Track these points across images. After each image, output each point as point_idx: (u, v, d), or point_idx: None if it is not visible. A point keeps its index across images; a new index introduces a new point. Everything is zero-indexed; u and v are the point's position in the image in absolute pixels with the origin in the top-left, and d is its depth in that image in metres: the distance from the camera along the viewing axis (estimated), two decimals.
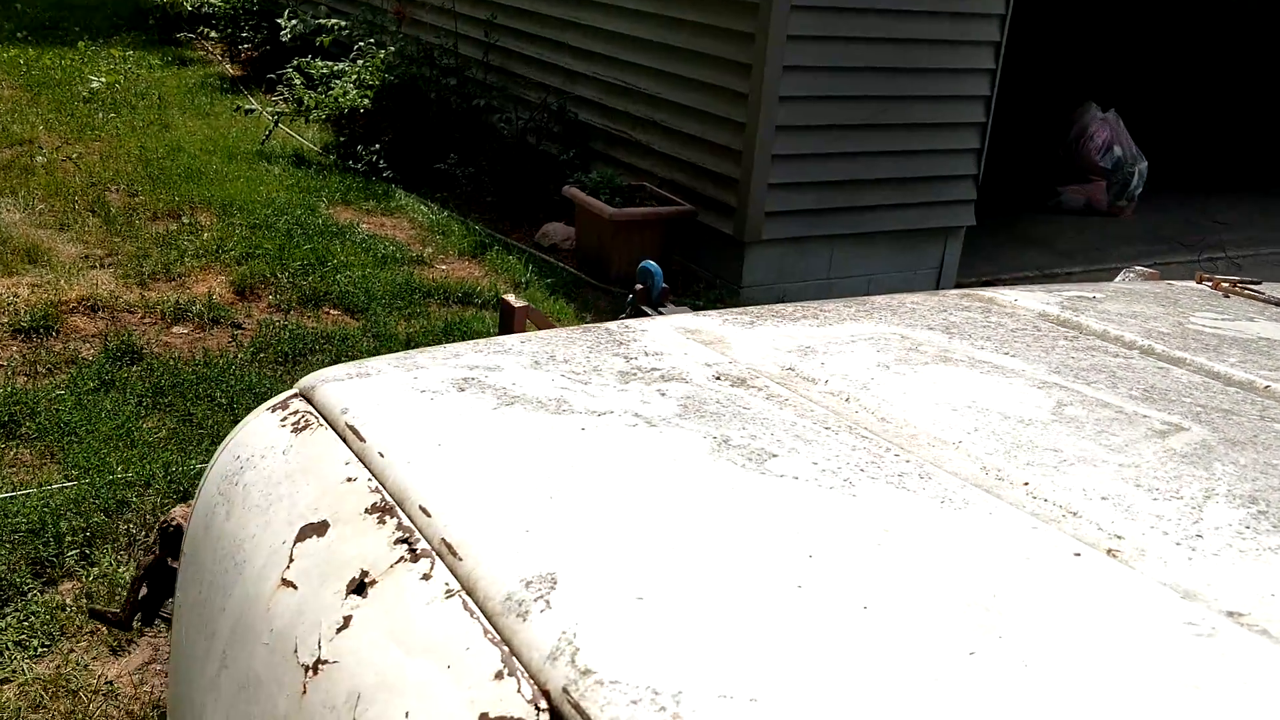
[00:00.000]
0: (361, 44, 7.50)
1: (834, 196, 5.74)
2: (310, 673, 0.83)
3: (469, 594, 0.79)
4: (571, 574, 0.79)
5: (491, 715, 0.70)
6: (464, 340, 1.30)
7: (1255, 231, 8.12)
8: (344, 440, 1.03)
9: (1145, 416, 1.14)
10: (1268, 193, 8.85)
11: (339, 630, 0.83)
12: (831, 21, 5.34)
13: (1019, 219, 7.81)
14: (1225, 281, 1.76)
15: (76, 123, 7.72)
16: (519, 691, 0.70)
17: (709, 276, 5.90)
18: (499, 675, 0.72)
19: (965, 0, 5.63)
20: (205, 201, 6.23)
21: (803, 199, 5.66)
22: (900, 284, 6.16)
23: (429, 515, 0.88)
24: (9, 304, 4.58)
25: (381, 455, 0.98)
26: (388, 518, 0.90)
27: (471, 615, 0.77)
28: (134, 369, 4.18)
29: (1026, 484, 0.98)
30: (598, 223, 5.88)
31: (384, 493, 0.94)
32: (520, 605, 0.76)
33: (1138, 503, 0.95)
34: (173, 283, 5.11)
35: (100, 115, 7.96)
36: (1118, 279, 1.97)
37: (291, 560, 0.93)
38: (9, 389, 3.91)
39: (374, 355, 1.33)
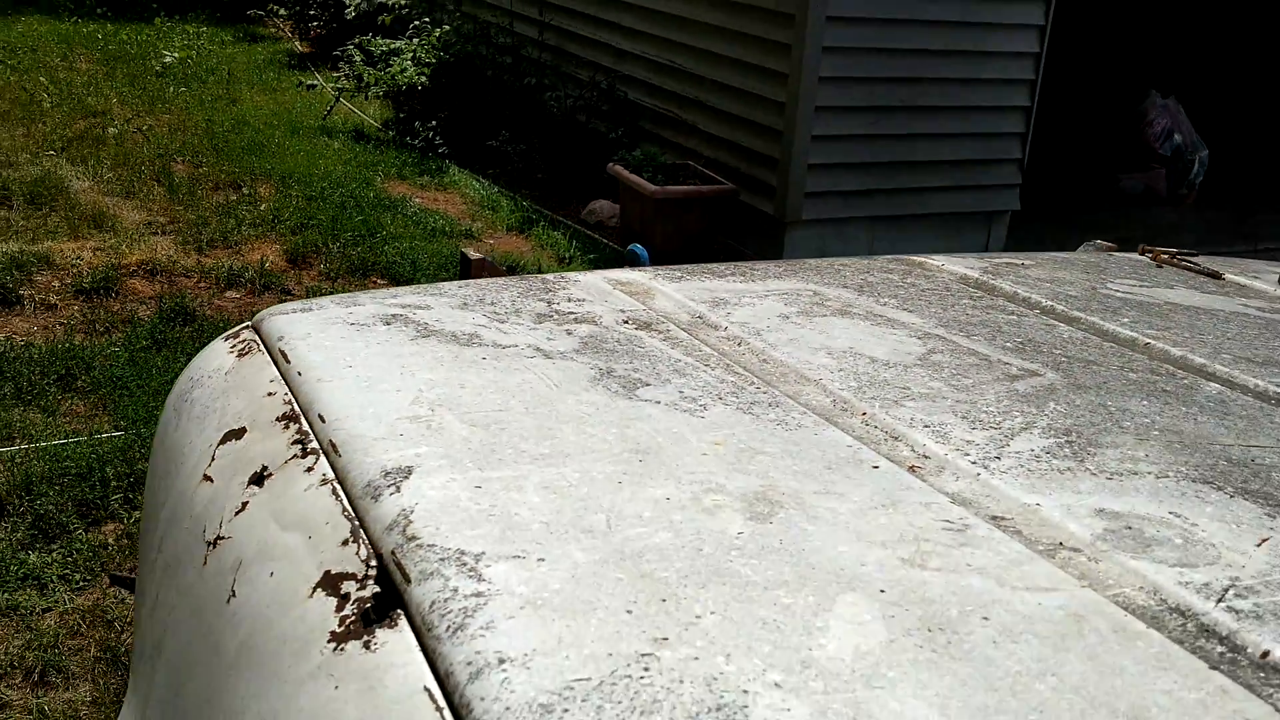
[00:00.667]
0: (417, 23, 7.70)
1: (874, 178, 5.79)
2: (211, 547, 0.98)
3: (340, 482, 0.94)
4: (427, 468, 0.93)
5: (332, 572, 0.84)
6: None
7: None
8: (274, 362, 1.18)
9: (1007, 364, 1.25)
10: None
11: (237, 513, 0.99)
12: (870, 3, 5.39)
13: (1077, 205, 7.75)
14: (1165, 253, 1.84)
15: (148, 96, 8.06)
16: (357, 554, 0.85)
17: (751, 256, 5.99)
18: (345, 542, 0.86)
19: None
20: (265, 173, 6.49)
21: (842, 180, 5.72)
22: None
23: (324, 421, 1.03)
24: (73, 266, 4.86)
25: (299, 374, 1.13)
26: (292, 424, 1.05)
27: (337, 498, 0.92)
28: (186, 329, 4.42)
29: (864, 414, 1.10)
30: (641, 200, 6.01)
31: (294, 404, 1.08)
32: (375, 490, 0.90)
33: (956, 431, 1.06)
34: (229, 250, 5.36)
35: (171, 89, 8.29)
36: (1078, 250, 2.05)
37: (213, 459, 1.09)
38: (68, 345, 4.18)
39: None
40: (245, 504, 0.99)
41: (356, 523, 0.88)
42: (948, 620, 0.74)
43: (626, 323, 1.34)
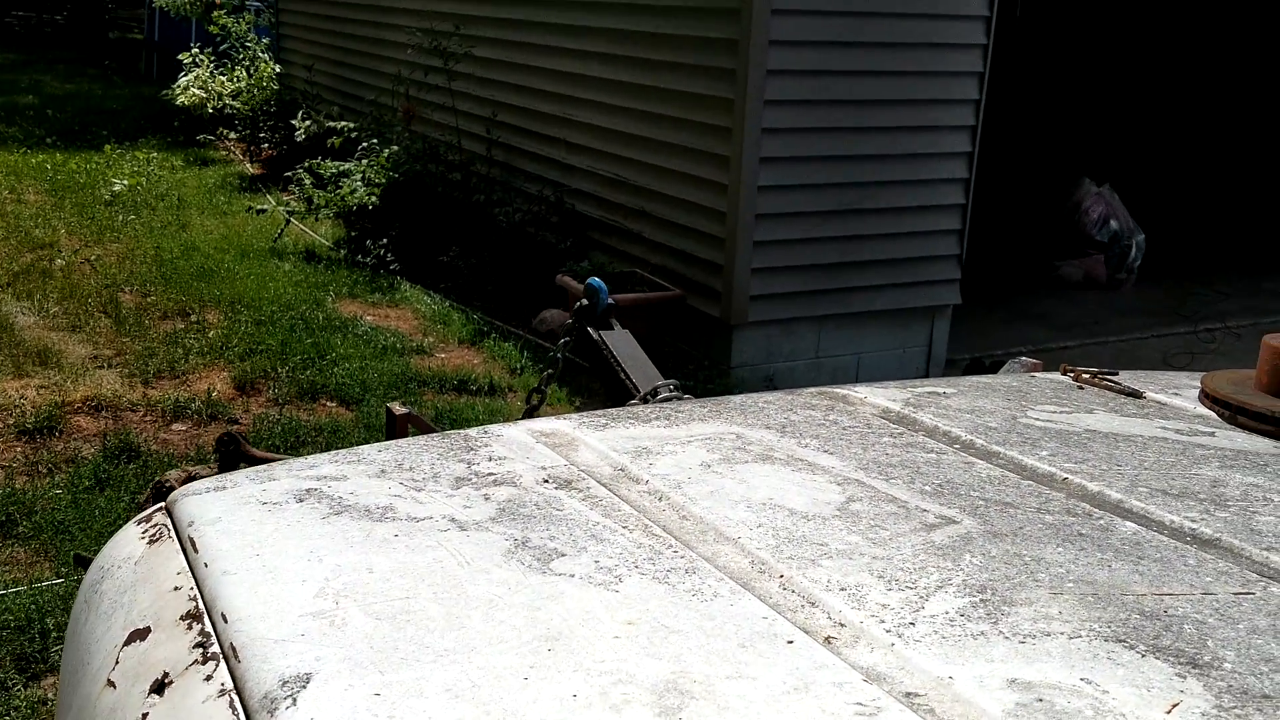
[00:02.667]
0: (365, 144, 7.81)
1: (818, 279, 5.88)
2: None
3: (238, 693, 0.91)
4: (326, 674, 0.90)
5: None
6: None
7: (1255, 301, 8.15)
8: (183, 551, 1.16)
9: (925, 511, 1.25)
10: (1263, 273, 8.89)
11: None
12: (804, 114, 5.54)
13: (1017, 294, 7.91)
14: (1086, 373, 1.86)
15: (96, 225, 8.07)
16: None
17: (699, 358, 6.03)
18: None
19: (937, 88, 5.81)
20: (214, 300, 6.48)
21: (786, 282, 5.81)
22: (890, 362, 6.26)
23: (226, 621, 1.00)
24: (16, 406, 4.79)
25: (206, 565, 1.10)
26: (195, 623, 1.03)
27: (234, 712, 0.89)
28: (130, 466, 4.35)
29: (782, 576, 1.09)
30: None
31: (199, 600, 1.06)
32: (272, 703, 0.88)
33: (872, 593, 1.05)
34: (176, 380, 5.31)
35: (120, 217, 8.31)
36: (1002, 370, 2.08)
37: (117, 662, 1.05)
38: (9, 489, 4.09)
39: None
40: (145, 715, 0.96)
41: None
42: None
43: (547, 481, 1.33)
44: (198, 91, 10.93)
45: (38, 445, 4.52)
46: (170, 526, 1.23)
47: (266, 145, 10.59)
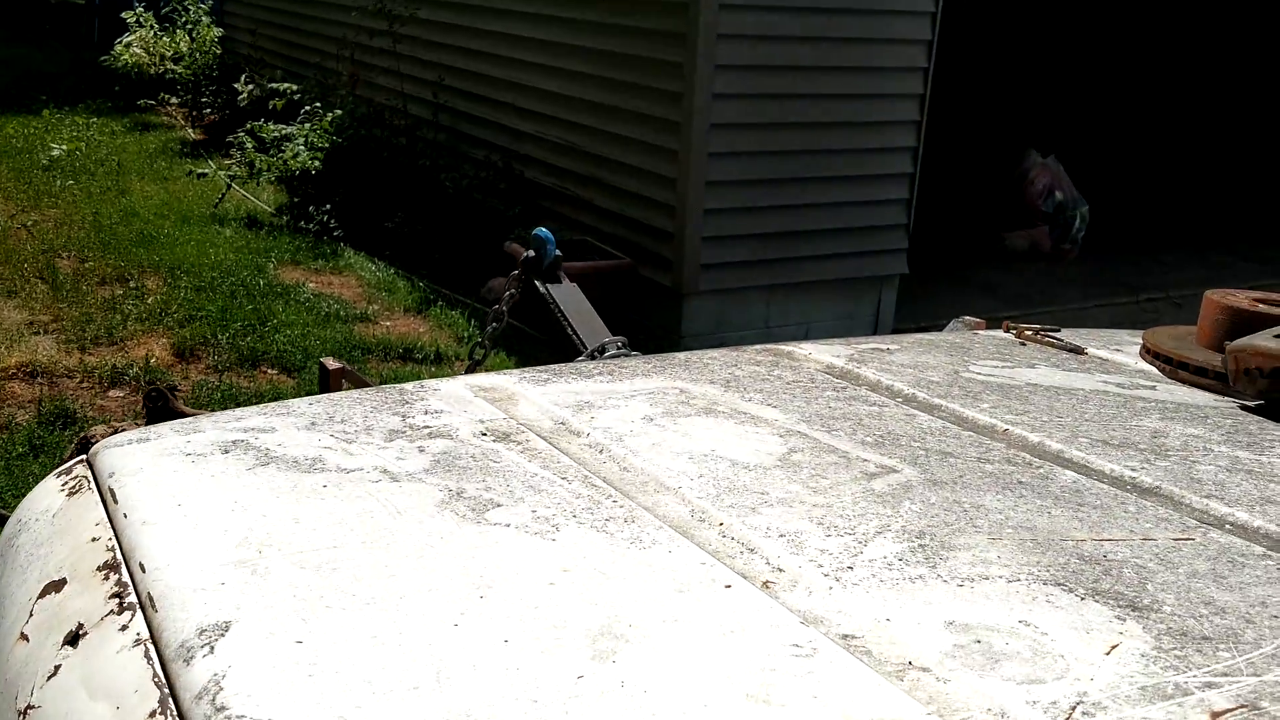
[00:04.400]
0: (308, 107, 7.65)
1: (768, 248, 5.87)
2: (20, 718, 0.91)
3: (154, 642, 0.88)
4: (245, 624, 0.87)
5: None
6: None
7: (1200, 272, 8.28)
8: (103, 503, 1.11)
9: (865, 460, 1.24)
10: (1209, 245, 9.03)
11: (49, 678, 0.91)
12: (755, 80, 5.51)
13: (964, 265, 7.96)
14: (1029, 329, 1.86)
15: (34, 190, 7.85)
16: None
17: (651, 327, 6.00)
18: (152, 714, 0.80)
19: (886, 55, 5.81)
20: (154, 266, 6.34)
21: (737, 251, 5.79)
22: (838, 331, 6.28)
23: (144, 571, 0.96)
24: None
25: (125, 516, 1.06)
26: (112, 574, 0.99)
27: (149, 661, 0.86)
28: (66, 433, 4.24)
29: (722, 524, 1.07)
30: None
31: (117, 551, 1.02)
32: (189, 651, 0.84)
33: (811, 539, 1.04)
34: (114, 347, 5.19)
35: (58, 182, 8.09)
36: (947, 328, 2.07)
37: (31, 615, 1.01)
38: None
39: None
40: (58, 668, 0.92)
41: (166, 691, 0.82)
42: None
43: (485, 434, 1.30)
44: (140, 52, 10.64)
45: None
46: (91, 479, 1.19)
47: (209, 110, 10.35)
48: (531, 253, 2.38)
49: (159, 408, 1.99)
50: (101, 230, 6.97)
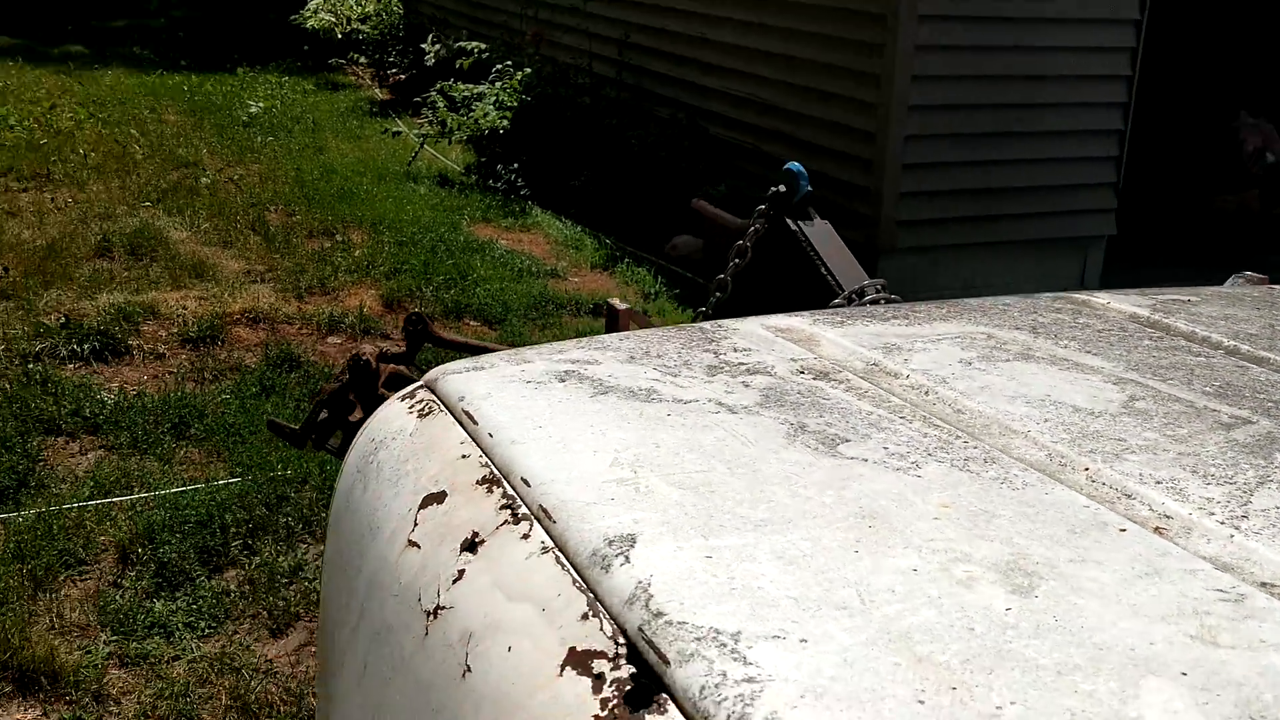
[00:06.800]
0: (499, 66, 7.80)
1: (967, 205, 5.71)
2: (431, 617, 0.96)
3: (560, 550, 0.91)
4: (649, 536, 0.90)
5: (579, 649, 0.81)
6: None
7: None
8: (460, 423, 1.17)
9: (1215, 410, 1.19)
10: None
11: (454, 581, 0.96)
12: (959, 32, 5.33)
13: (1170, 227, 7.57)
14: None
15: (237, 145, 8.26)
16: (601, 629, 0.81)
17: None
18: (584, 616, 0.83)
19: (1098, 7, 5.53)
20: (356, 220, 6.60)
21: (934, 208, 5.65)
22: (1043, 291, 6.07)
23: (529, 485, 1.00)
24: (178, 315, 4.97)
25: (490, 435, 1.11)
26: (494, 488, 1.03)
27: (563, 568, 0.89)
28: (292, 375, 4.48)
29: (1087, 469, 1.05)
30: (726, 234, 5.98)
31: (492, 467, 1.06)
32: (604, 560, 0.87)
33: (1190, 487, 1.00)
34: (327, 296, 5.44)
35: (259, 138, 8.49)
36: (1226, 283, 1.97)
37: (416, 524, 1.07)
38: (179, 393, 4.26)
39: None
40: (462, 572, 0.96)
41: (591, 595, 0.85)
42: (1265, 706, 0.69)
43: (802, 373, 1.30)
44: (327, 16, 11.04)
45: (202, 353, 4.68)
46: (437, 402, 1.24)
47: (395, 70, 10.68)
48: (782, 188, 2.31)
49: (418, 331, 2.08)
50: (304, 185, 7.29)
